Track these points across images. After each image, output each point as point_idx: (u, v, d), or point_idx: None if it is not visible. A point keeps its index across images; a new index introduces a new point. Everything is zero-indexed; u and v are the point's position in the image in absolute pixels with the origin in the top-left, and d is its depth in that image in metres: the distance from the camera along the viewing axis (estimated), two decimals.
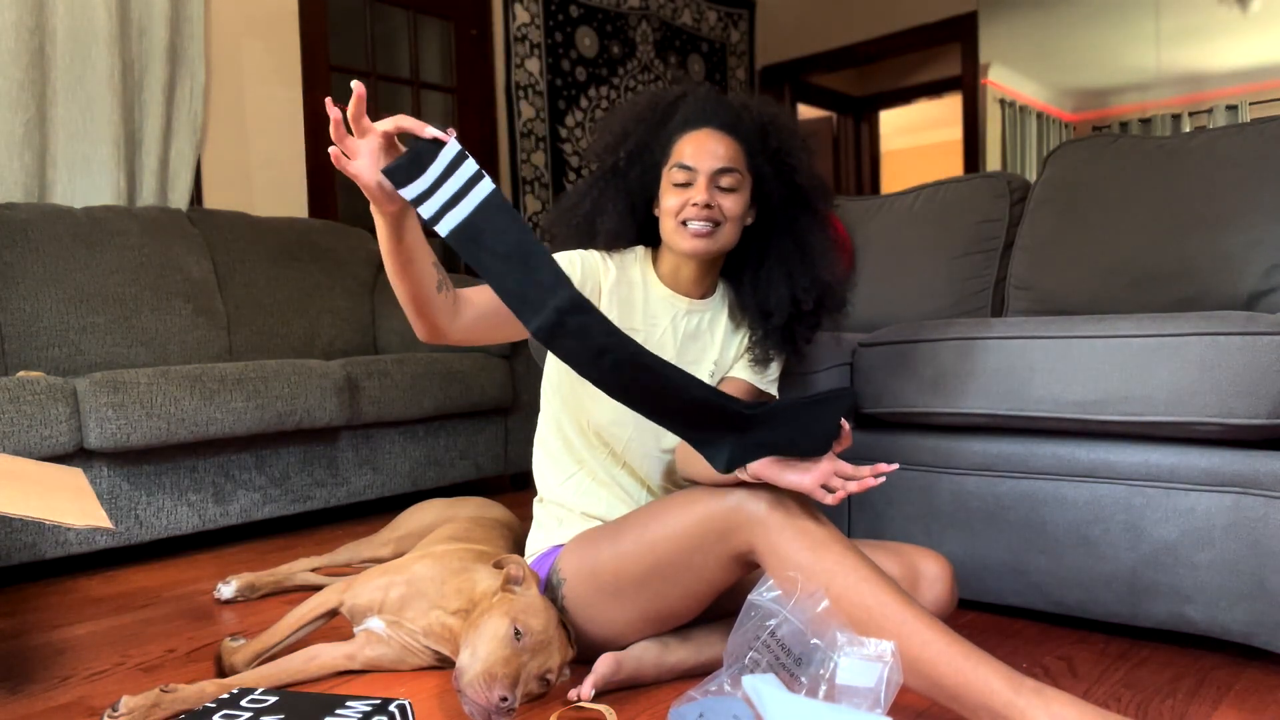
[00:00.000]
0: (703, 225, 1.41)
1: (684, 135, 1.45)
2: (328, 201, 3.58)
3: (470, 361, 2.91)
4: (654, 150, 1.49)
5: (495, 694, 1.15)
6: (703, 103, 1.47)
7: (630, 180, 1.50)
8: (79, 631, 1.76)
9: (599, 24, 4.58)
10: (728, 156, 1.42)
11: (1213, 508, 1.43)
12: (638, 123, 1.50)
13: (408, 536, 1.95)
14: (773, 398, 1.59)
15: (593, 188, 1.53)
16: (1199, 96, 3.98)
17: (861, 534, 1.82)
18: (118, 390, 2.13)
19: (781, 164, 1.48)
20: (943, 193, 2.35)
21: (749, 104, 1.50)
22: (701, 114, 1.45)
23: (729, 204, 1.42)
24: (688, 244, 1.42)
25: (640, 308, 1.50)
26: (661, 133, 1.49)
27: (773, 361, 1.56)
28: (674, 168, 1.43)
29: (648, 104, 1.52)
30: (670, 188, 1.44)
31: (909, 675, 1.14)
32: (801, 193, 1.51)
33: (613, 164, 1.51)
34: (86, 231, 2.65)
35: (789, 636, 1.15)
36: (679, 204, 1.42)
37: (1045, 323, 1.57)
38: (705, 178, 1.41)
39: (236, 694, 1.19)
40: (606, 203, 1.51)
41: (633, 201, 1.52)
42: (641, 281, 1.51)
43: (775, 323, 1.51)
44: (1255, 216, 1.80)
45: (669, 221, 1.45)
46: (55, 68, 2.81)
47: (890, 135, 7.45)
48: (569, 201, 1.56)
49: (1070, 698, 1.06)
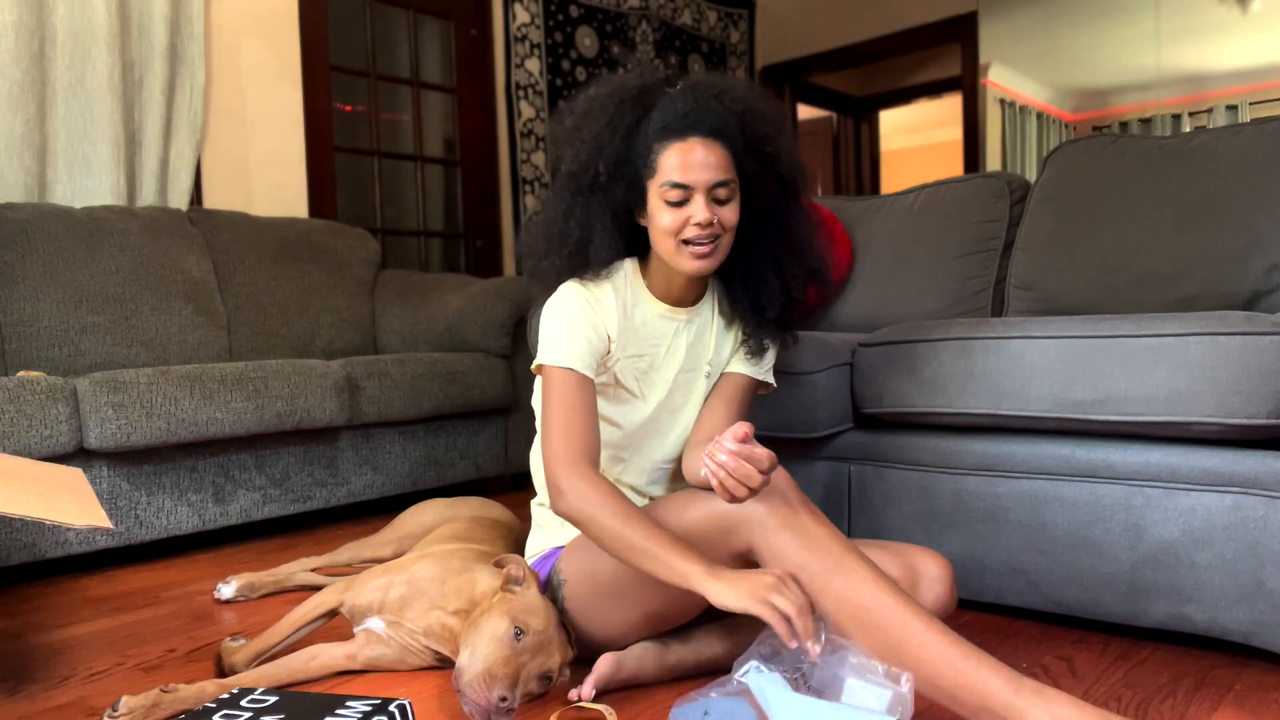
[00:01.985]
0: (705, 246, 1.34)
1: (668, 145, 1.33)
2: (328, 201, 3.58)
3: (470, 362, 2.90)
4: (634, 161, 1.37)
5: (495, 694, 1.15)
6: (681, 105, 1.34)
7: (614, 196, 1.40)
8: (79, 631, 1.76)
9: (599, 24, 4.58)
10: (720, 166, 1.33)
11: (1213, 508, 1.43)
12: (610, 130, 1.37)
13: (408, 537, 1.95)
14: (771, 386, 1.58)
15: (574, 207, 1.41)
16: (1199, 96, 3.98)
17: (861, 534, 1.82)
18: (118, 390, 2.13)
19: (763, 155, 1.41)
20: (943, 193, 2.35)
21: (721, 91, 1.38)
22: (682, 120, 1.33)
23: (726, 215, 1.35)
24: (692, 265, 1.36)
25: (640, 334, 1.45)
26: (638, 140, 1.37)
27: (768, 350, 1.53)
28: (665, 185, 1.33)
29: (615, 104, 1.38)
30: (663, 205, 1.34)
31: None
32: (785, 181, 1.44)
33: (591, 180, 1.39)
34: (86, 231, 2.65)
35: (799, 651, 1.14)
36: (677, 223, 1.33)
37: (1045, 323, 1.57)
38: (702, 195, 1.32)
39: (236, 694, 1.19)
40: (594, 224, 1.40)
41: (619, 219, 1.43)
42: (636, 305, 1.45)
43: (769, 316, 1.49)
44: (1255, 216, 1.80)
45: (667, 242, 1.36)
46: (55, 68, 2.81)
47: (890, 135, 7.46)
48: (553, 227, 1.43)
49: (1070, 698, 1.06)
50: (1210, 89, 3.94)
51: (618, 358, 1.44)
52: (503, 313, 2.97)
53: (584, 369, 1.37)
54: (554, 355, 1.37)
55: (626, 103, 1.38)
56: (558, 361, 1.36)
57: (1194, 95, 3.99)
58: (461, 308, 3.03)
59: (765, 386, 1.58)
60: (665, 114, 1.35)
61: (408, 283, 3.32)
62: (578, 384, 1.36)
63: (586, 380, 1.37)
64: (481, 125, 4.14)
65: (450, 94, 4.08)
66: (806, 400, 1.79)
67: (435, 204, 4.09)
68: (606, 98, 1.40)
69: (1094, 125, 4.27)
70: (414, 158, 3.97)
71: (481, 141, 4.14)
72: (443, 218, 4.12)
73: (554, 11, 4.37)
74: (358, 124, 3.79)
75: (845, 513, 1.85)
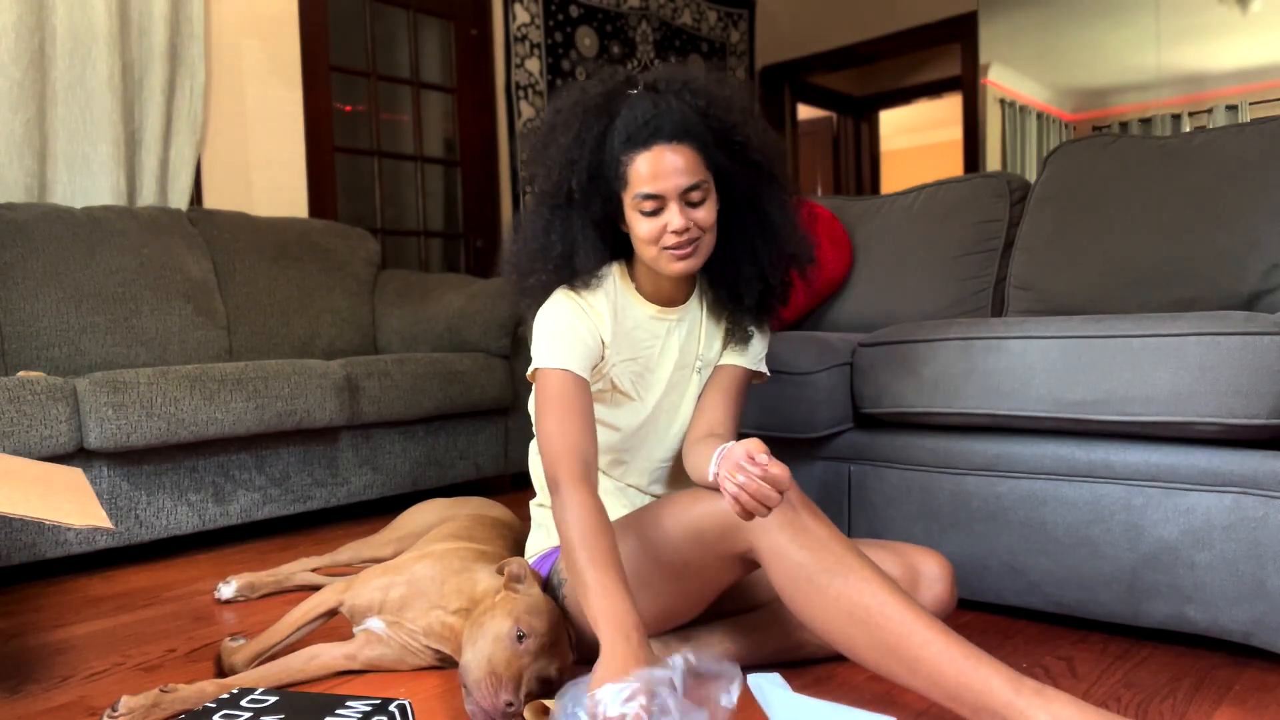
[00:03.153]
0: (686, 249, 1.35)
1: (635, 156, 1.33)
2: (328, 201, 3.58)
3: (470, 362, 2.91)
4: (605, 175, 1.37)
5: (501, 698, 1.15)
6: (641, 112, 1.34)
7: (592, 210, 1.40)
8: (79, 631, 1.76)
9: (599, 24, 4.58)
10: (689, 170, 1.32)
11: (1213, 508, 1.43)
12: (578, 144, 1.37)
13: (408, 537, 1.95)
14: (765, 376, 1.58)
15: (554, 222, 1.42)
16: (1199, 96, 3.98)
17: (861, 534, 1.82)
18: (118, 390, 2.13)
19: (732, 145, 1.40)
20: (943, 193, 2.35)
21: (682, 86, 1.37)
22: (645, 128, 1.32)
23: (702, 216, 1.35)
24: (674, 267, 1.36)
25: (633, 338, 1.46)
26: (606, 152, 1.36)
27: (754, 339, 1.53)
28: (638, 196, 1.33)
29: (579, 116, 1.38)
30: (638, 215, 1.35)
31: (909, 675, 1.14)
32: (757, 167, 1.43)
33: (566, 196, 1.39)
34: (86, 231, 2.65)
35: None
36: (655, 231, 1.34)
37: (1045, 323, 1.57)
38: (675, 201, 1.32)
39: (236, 694, 1.19)
40: (576, 236, 1.41)
41: (601, 229, 1.43)
42: (626, 308, 1.46)
43: (748, 303, 1.48)
44: (1255, 216, 1.80)
45: (649, 249, 1.37)
46: (55, 68, 2.81)
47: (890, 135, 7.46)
48: (536, 244, 1.43)
49: (1070, 698, 1.06)
50: (1210, 89, 3.94)
51: (613, 362, 1.44)
52: (503, 313, 2.97)
53: (579, 370, 1.37)
54: (548, 358, 1.37)
55: (590, 113, 1.37)
56: (553, 364, 1.37)
57: (1194, 95, 3.99)
58: (462, 308, 3.03)
59: (759, 376, 1.58)
60: (628, 123, 1.34)
61: (408, 283, 3.32)
62: (574, 385, 1.36)
63: (582, 381, 1.37)
64: (481, 125, 4.14)
65: (450, 94, 4.08)
66: (806, 400, 1.79)
67: (435, 204, 4.10)
68: (570, 110, 1.39)
69: (1094, 125, 4.27)
70: (414, 158, 3.97)
71: (481, 141, 4.14)
72: (443, 218, 4.12)
73: (554, 11, 4.37)
74: (358, 124, 3.79)
75: (845, 513, 1.85)
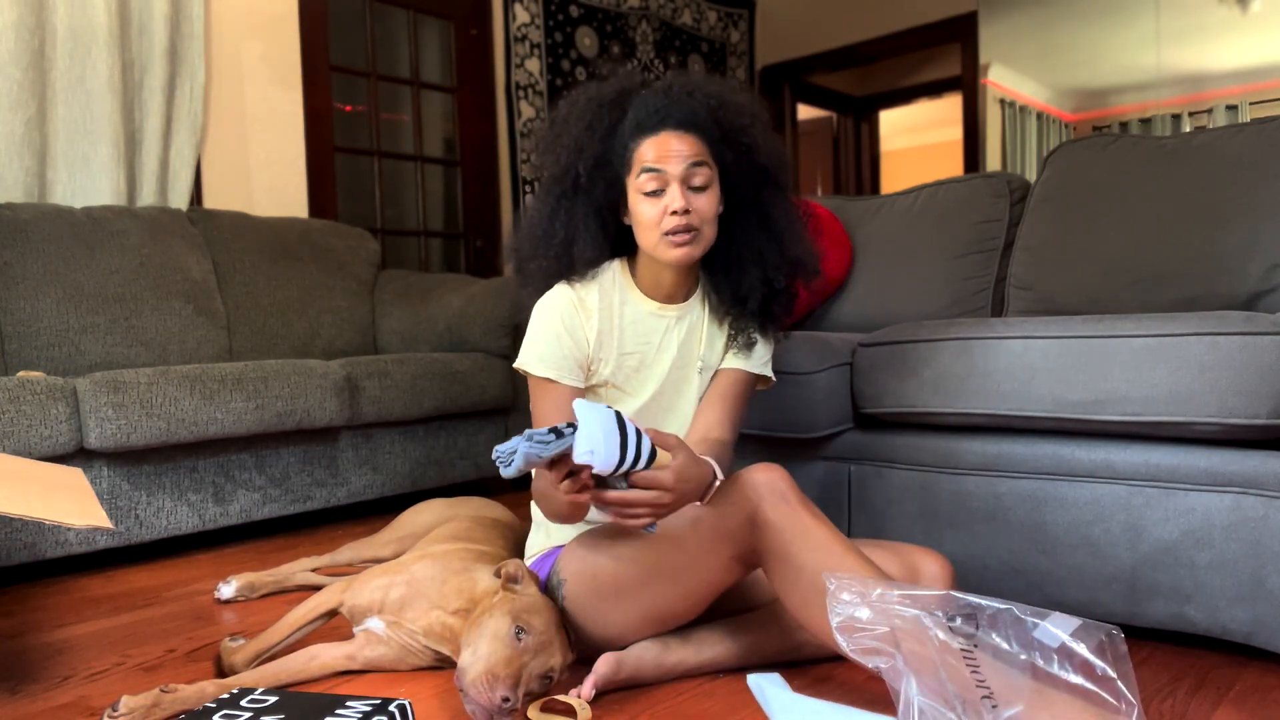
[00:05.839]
0: (685, 234, 1.37)
1: (642, 140, 1.38)
2: (328, 202, 3.58)
3: (470, 361, 2.91)
4: (613, 161, 1.42)
5: (498, 695, 1.15)
6: (653, 102, 1.39)
7: (596, 197, 1.44)
8: (79, 631, 1.76)
9: (599, 24, 4.58)
10: (693, 152, 1.37)
11: (1213, 508, 1.43)
12: (589, 133, 1.42)
13: (408, 537, 1.95)
14: (770, 381, 1.59)
15: (558, 210, 1.46)
16: (1199, 96, 3.98)
17: (861, 534, 1.82)
18: (118, 390, 2.13)
19: (740, 145, 1.43)
20: (943, 193, 2.35)
21: (694, 88, 1.42)
22: (655, 115, 1.38)
23: (703, 203, 1.38)
24: (673, 254, 1.38)
25: (630, 333, 1.47)
26: (616, 140, 1.42)
27: (758, 344, 1.54)
28: (641, 175, 1.37)
29: (593, 109, 1.43)
30: (641, 197, 1.39)
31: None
32: (763, 171, 1.46)
33: (573, 182, 1.43)
34: (86, 231, 2.64)
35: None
36: (656, 214, 1.37)
37: (1045, 323, 1.57)
38: (677, 181, 1.36)
39: (236, 694, 1.19)
40: (578, 226, 1.44)
41: (603, 219, 1.46)
42: (625, 304, 1.47)
43: (751, 307, 1.50)
44: (1255, 216, 1.80)
45: (649, 235, 1.39)
46: (55, 68, 2.81)
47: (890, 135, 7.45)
48: (539, 230, 1.48)
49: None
50: (1210, 89, 3.94)
51: (605, 360, 1.46)
52: (503, 313, 2.97)
53: (560, 376, 1.42)
54: (533, 364, 1.44)
55: (604, 106, 1.43)
56: (536, 371, 1.43)
57: (1194, 95, 3.99)
58: (462, 308, 3.03)
59: (764, 381, 1.58)
60: (639, 112, 1.40)
61: (408, 283, 3.32)
62: (555, 391, 1.42)
63: (564, 387, 1.43)
64: (481, 125, 4.14)
65: (450, 94, 4.08)
66: (806, 400, 1.79)
67: (435, 204, 4.09)
68: (585, 103, 1.45)
69: (1094, 125, 4.27)
70: (414, 158, 3.97)
71: (481, 141, 4.14)
72: (443, 218, 4.12)
73: (554, 11, 4.37)
74: (358, 124, 3.79)
75: (845, 513, 1.85)
